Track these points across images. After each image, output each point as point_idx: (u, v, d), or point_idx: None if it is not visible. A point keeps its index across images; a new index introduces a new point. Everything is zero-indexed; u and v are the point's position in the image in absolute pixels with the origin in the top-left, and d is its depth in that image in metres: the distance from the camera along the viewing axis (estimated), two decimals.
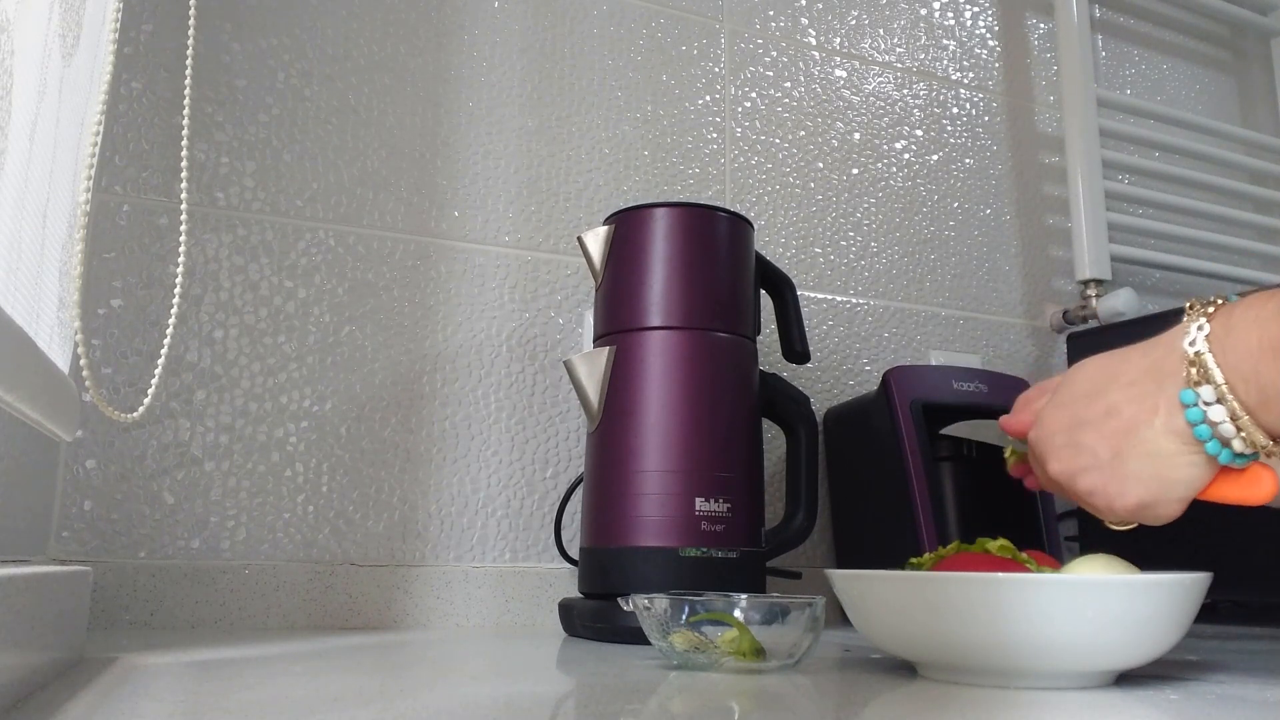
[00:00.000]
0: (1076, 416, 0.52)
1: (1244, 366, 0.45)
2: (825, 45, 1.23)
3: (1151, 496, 0.49)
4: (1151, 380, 0.49)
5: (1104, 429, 0.50)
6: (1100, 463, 0.51)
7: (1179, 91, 1.51)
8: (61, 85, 0.58)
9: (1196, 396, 0.46)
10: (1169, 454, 0.48)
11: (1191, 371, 0.46)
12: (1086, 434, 0.51)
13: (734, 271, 0.84)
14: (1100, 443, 0.50)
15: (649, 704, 0.46)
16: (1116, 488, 0.50)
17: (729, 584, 0.74)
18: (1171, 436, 0.48)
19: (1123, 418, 0.50)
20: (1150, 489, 0.49)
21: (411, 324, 0.94)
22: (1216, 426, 0.46)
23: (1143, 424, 0.49)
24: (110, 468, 0.81)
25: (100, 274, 0.83)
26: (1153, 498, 0.50)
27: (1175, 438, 0.48)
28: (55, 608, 0.50)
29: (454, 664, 0.61)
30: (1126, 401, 0.50)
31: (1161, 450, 0.48)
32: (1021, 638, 0.48)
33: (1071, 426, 0.52)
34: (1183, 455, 0.48)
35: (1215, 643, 0.78)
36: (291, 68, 0.94)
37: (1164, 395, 0.48)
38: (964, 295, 1.24)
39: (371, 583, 0.87)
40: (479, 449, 0.94)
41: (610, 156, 1.06)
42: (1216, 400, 0.45)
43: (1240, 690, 0.50)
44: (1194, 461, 0.48)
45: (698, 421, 0.78)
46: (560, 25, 1.07)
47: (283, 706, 0.42)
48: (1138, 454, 0.49)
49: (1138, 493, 0.50)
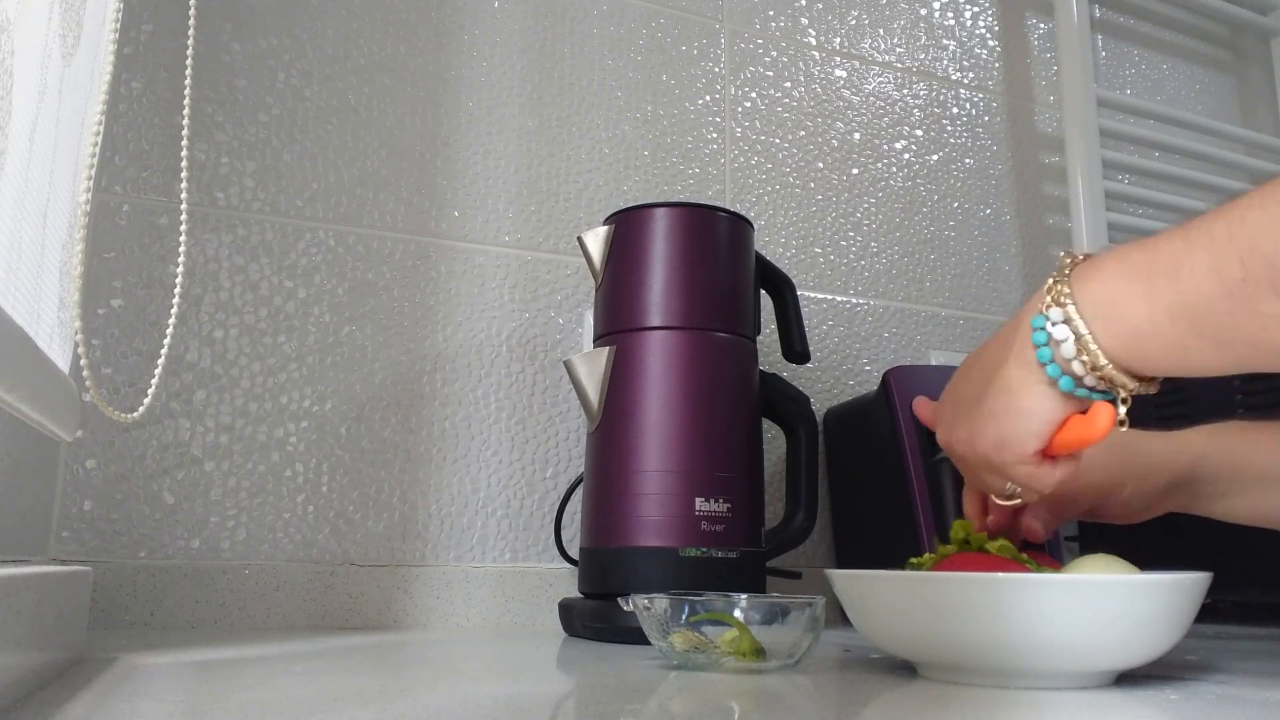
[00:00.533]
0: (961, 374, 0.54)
1: (1100, 292, 0.44)
2: (825, 45, 1.23)
3: (1005, 432, 0.49)
4: (1014, 321, 0.49)
5: (973, 376, 0.52)
6: (969, 408, 0.51)
7: (1179, 91, 1.51)
8: (61, 85, 0.58)
9: (1045, 320, 0.46)
10: (1018, 383, 0.48)
11: (1046, 299, 0.46)
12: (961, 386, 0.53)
13: (734, 271, 0.84)
14: (969, 388, 0.52)
15: (649, 704, 0.46)
16: (978, 426, 0.51)
17: (729, 584, 0.74)
18: (1021, 366, 0.48)
19: (989, 362, 0.51)
20: (1003, 424, 0.49)
21: (411, 324, 0.94)
22: (1059, 346, 0.45)
23: (999, 363, 0.49)
24: (110, 468, 0.81)
25: (100, 274, 0.83)
26: (1006, 433, 0.49)
27: (1024, 367, 0.48)
28: (55, 608, 0.50)
29: (454, 664, 0.61)
30: (994, 348, 0.51)
31: (1012, 380, 0.48)
32: (1021, 638, 0.48)
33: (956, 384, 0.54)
34: (1030, 384, 0.48)
35: (1215, 643, 0.78)
36: (291, 68, 0.94)
37: (1020, 330, 0.48)
38: (964, 295, 1.24)
39: (371, 583, 0.87)
40: (479, 449, 0.94)
41: (610, 156, 1.06)
42: (1063, 320, 0.45)
43: (1240, 690, 0.50)
44: (1042, 391, 0.47)
45: (698, 421, 0.78)
46: (560, 25, 1.07)
47: (283, 706, 0.42)
48: (994, 390, 0.49)
49: (993, 429, 0.50)
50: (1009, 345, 0.49)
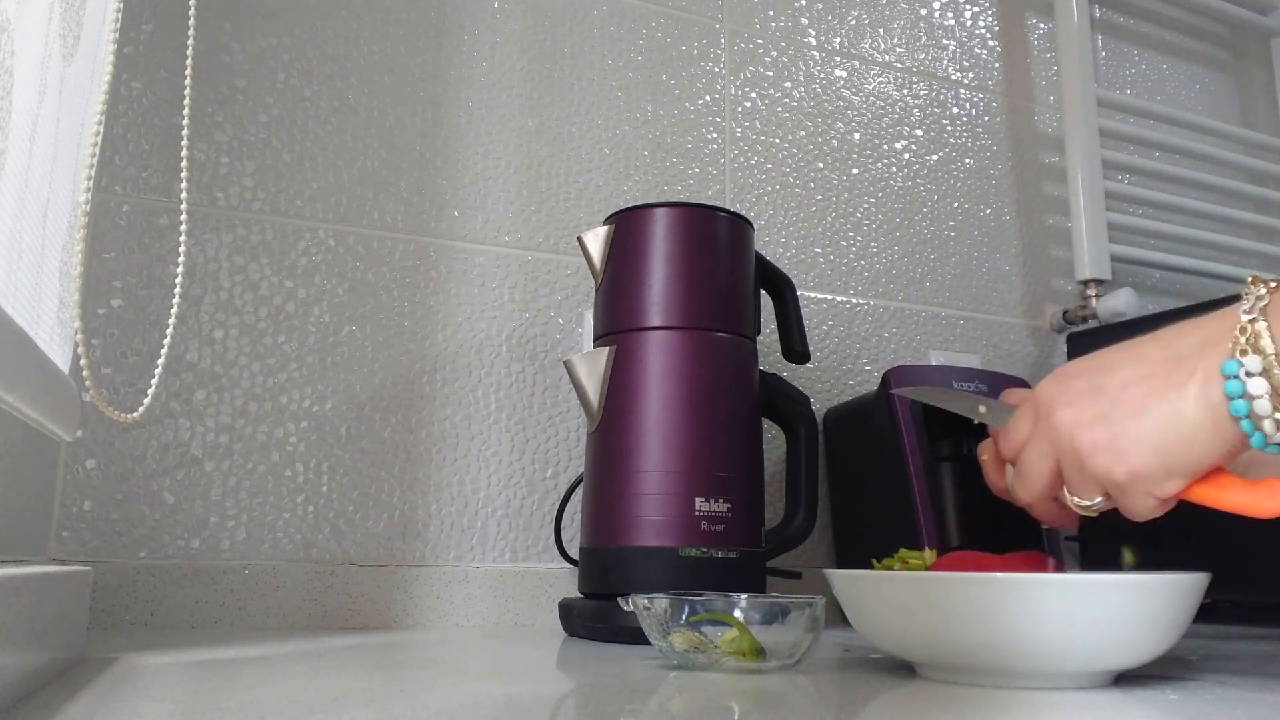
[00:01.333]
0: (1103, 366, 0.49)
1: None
2: (825, 45, 1.23)
3: (1153, 467, 0.46)
4: (1196, 345, 0.45)
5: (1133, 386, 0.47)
6: (1117, 415, 0.47)
7: (1179, 91, 1.51)
8: (61, 85, 0.58)
9: (1240, 366, 0.42)
10: (1192, 425, 0.44)
11: (1240, 339, 0.42)
12: (1111, 382, 0.48)
13: (734, 271, 0.84)
14: (1124, 395, 0.47)
15: (649, 704, 0.46)
16: (1122, 445, 0.47)
17: (729, 584, 0.74)
18: (1201, 407, 0.44)
19: (1156, 377, 0.46)
20: (1156, 458, 0.46)
21: (411, 324, 0.94)
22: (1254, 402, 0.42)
23: (1175, 386, 0.45)
24: (110, 468, 0.81)
25: (100, 274, 0.83)
26: (1154, 469, 0.46)
27: (1206, 409, 0.44)
28: (55, 608, 0.50)
29: (454, 664, 0.61)
30: (1164, 361, 0.46)
31: (1185, 418, 0.45)
32: (1021, 638, 0.48)
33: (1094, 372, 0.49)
34: (1205, 430, 0.44)
35: (1215, 643, 0.78)
36: (291, 68, 0.94)
37: (1205, 362, 0.44)
38: (964, 295, 1.24)
39: (371, 583, 0.87)
40: (479, 449, 0.94)
41: (610, 156, 1.06)
42: (1261, 372, 0.42)
43: (1240, 690, 0.50)
44: (1212, 442, 0.44)
45: (698, 421, 0.78)
46: (560, 25, 1.07)
47: (283, 706, 0.42)
48: (1158, 416, 0.45)
49: (1142, 458, 0.46)
50: (1187, 372, 0.45)
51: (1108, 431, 0.47)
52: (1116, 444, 0.47)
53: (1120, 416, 0.47)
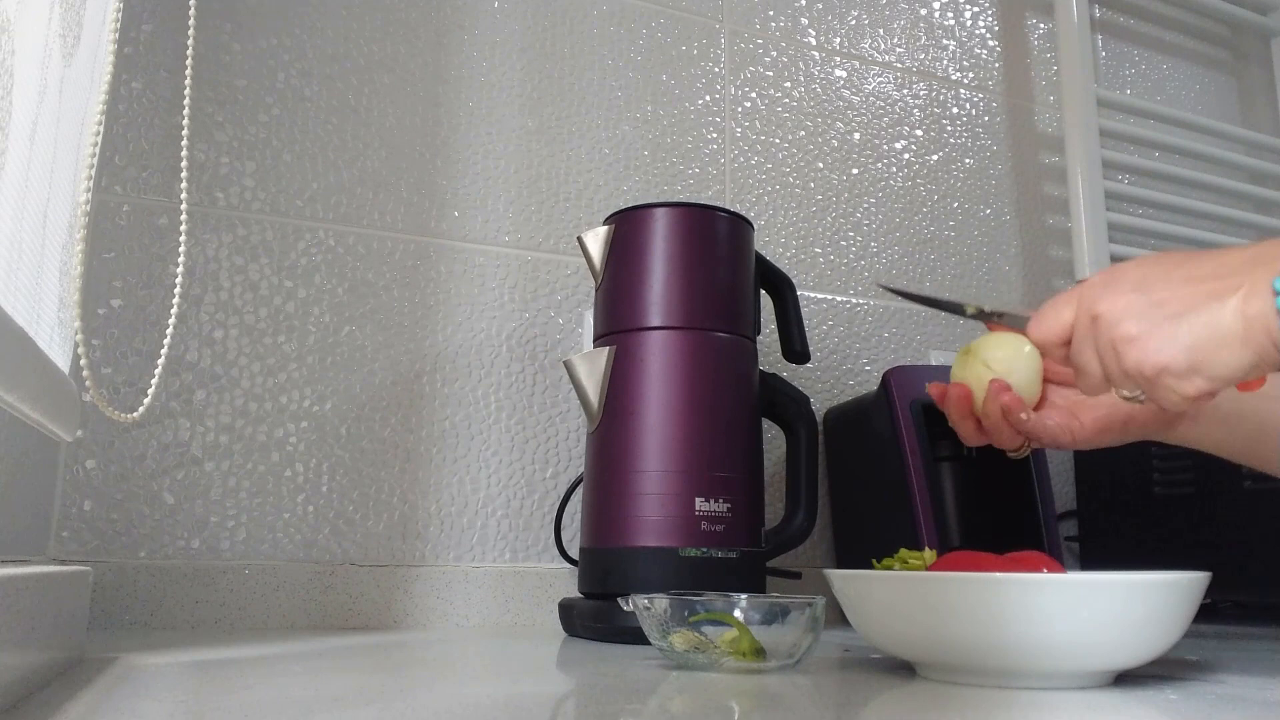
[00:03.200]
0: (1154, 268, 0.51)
1: None
2: (825, 45, 1.23)
3: (1181, 365, 0.48)
4: (1247, 261, 0.47)
5: (1178, 289, 0.49)
6: (1156, 315, 0.49)
7: (1179, 91, 1.51)
8: (61, 85, 0.58)
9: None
10: (1225, 332, 0.47)
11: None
12: (1159, 284, 0.50)
13: (734, 271, 0.84)
14: (1170, 297, 0.49)
15: (649, 704, 0.46)
16: (1155, 343, 0.49)
17: (729, 584, 0.74)
18: (1238, 316, 0.46)
19: (1203, 285, 0.48)
20: (1185, 357, 0.48)
21: (411, 324, 0.94)
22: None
23: (1218, 294, 0.47)
24: (110, 468, 0.81)
25: (100, 274, 0.83)
26: (1181, 367, 0.48)
27: (1242, 319, 0.46)
28: (55, 608, 0.50)
29: (454, 664, 0.61)
30: (1214, 271, 0.48)
31: (1220, 325, 0.47)
32: (1021, 638, 0.48)
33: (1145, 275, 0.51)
34: (1236, 340, 0.46)
35: (1215, 643, 0.78)
36: (291, 68, 0.94)
37: (1253, 277, 0.46)
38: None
39: (371, 583, 0.87)
40: (479, 449, 0.94)
41: (610, 156, 1.06)
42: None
43: (1240, 690, 0.50)
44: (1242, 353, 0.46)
45: (698, 421, 0.78)
46: (560, 25, 1.07)
47: (283, 706, 0.42)
48: (1200, 321, 0.47)
49: (1171, 355, 0.48)
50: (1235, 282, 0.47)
51: (1144, 327, 0.49)
52: (1150, 341, 0.49)
53: (1159, 316, 0.49)
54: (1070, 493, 1.13)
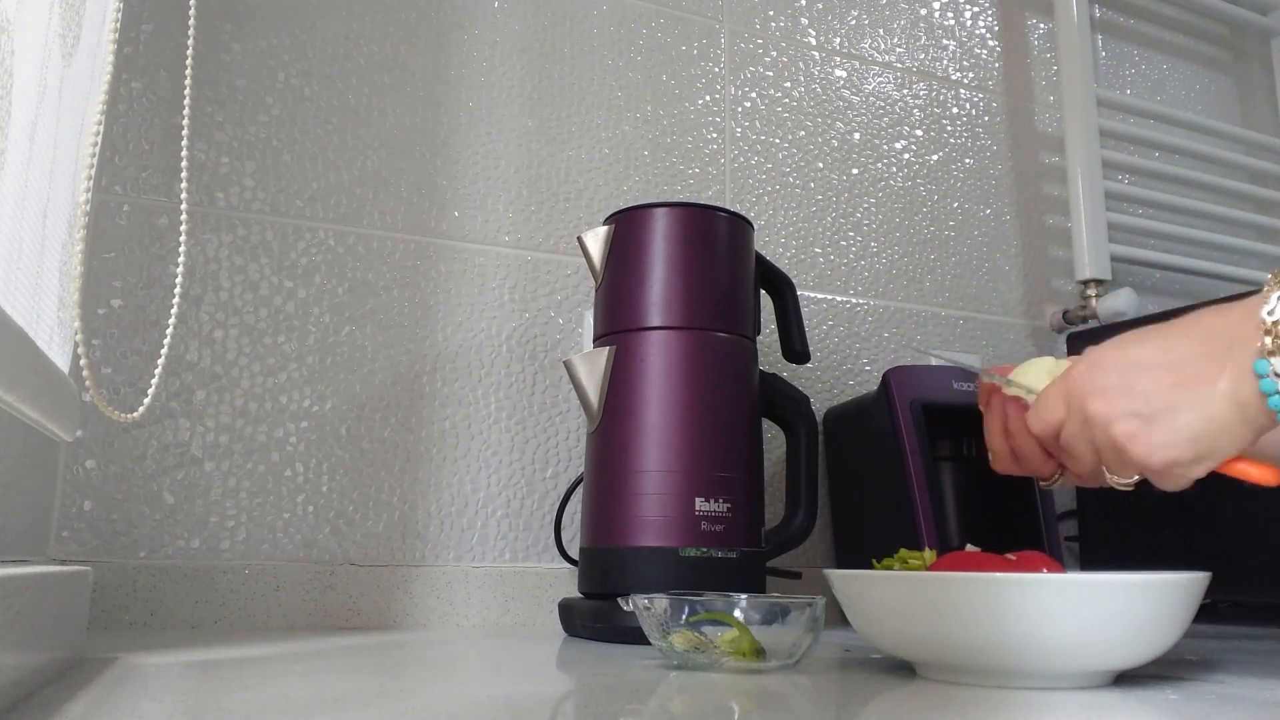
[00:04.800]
0: (1134, 360, 0.51)
1: None
2: (825, 45, 1.23)
3: (1188, 457, 0.49)
4: (1222, 342, 0.48)
5: (1163, 379, 0.49)
6: (1150, 411, 0.50)
7: (1179, 91, 1.51)
8: (61, 85, 0.58)
9: (1270, 367, 0.45)
10: (1223, 420, 0.47)
11: (1267, 341, 0.45)
12: (1142, 379, 0.50)
13: (734, 271, 0.84)
14: (1156, 392, 0.49)
15: (649, 704, 0.46)
16: (1158, 439, 0.49)
17: (729, 584, 0.74)
18: (1232, 403, 0.47)
19: (1185, 373, 0.49)
20: (1190, 450, 0.49)
21: (411, 324, 0.94)
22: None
23: (1204, 383, 0.48)
24: (110, 468, 0.81)
25: (100, 274, 0.83)
26: (1188, 459, 0.49)
27: (1236, 405, 0.47)
28: (55, 608, 0.50)
29: (454, 664, 0.61)
30: (1193, 358, 0.49)
31: (1217, 415, 0.47)
32: (1021, 638, 0.48)
33: (1128, 368, 0.51)
34: (1236, 424, 0.47)
35: (1215, 643, 0.78)
36: (291, 68, 0.94)
37: (1233, 360, 0.47)
38: (964, 295, 1.24)
39: (371, 583, 0.87)
40: (479, 449, 0.94)
41: (610, 156, 1.06)
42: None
43: (1240, 690, 0.50)
44: (1243, 433, 0.47)
45: (698, 421, 0.78)
46: (560, 25, 1.07)
47: (283, 706, 0.42)
48: (1193, 412, 0.48)
49: (1177, 450, 0.49)
50: (1218, 367, 0.47)
51: (1143, 426, 0.50)
52: (1152, 438, 0.50)
53: (1154, 413, 0.50)
54: (1070, 493, 1.13)
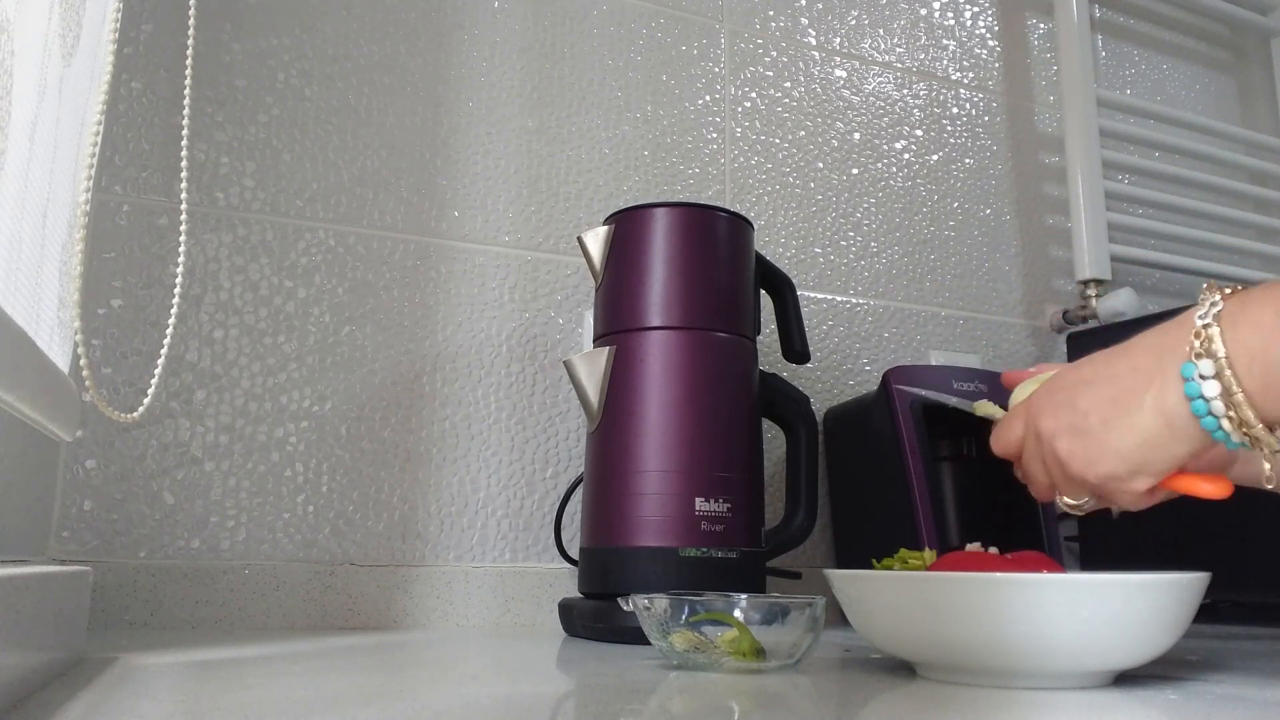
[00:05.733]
0: (1081, 378, 0.52)
1: (1253, 343, 0.43)
2: (825, 45, 1.23)
3: (1122, 470, 0.49)
4: (1155, 354, 0.48)
5: (1100, 394, 0.50)
6: (1086, 427, 0.50)
7: (1179, 91, 1.51)
8: (61, 85, 0.58)
9: (1195, 370, 0.45)
10: (1149, 431, 0.47)
11: (1195, 344, 0.45)
12: (1083, 396, 0.51)
13: (734, 271, 0.84)
14: (1093, 408, 0.50)
15: (649, 704, 0.46)
16: (1093, 453, 0.50)
17: (729, 584, 0.74)
18: (1158, 415, 0.47)
19: (1119, 386, 0.49)
20: (1124, 464, 0.49)
21: (411, 324, 0.94)
22: (1210, 403, 0.44)
23: (1134, 395, 0.48)
24: (110, 468, 0.81)
25: (100, 274, 0.83)
26: (1122, 472, 0.49)
27: (1161, 417, 0.47)
28: (55, 608, 0.50)
29: (454, 664, 0.61)
30: (1128, 371, 0.49)
31: (1144, 426, 0.48)
32: (1021, 638, 0.48)
33: (1074, 385, 0.52)
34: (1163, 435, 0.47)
35: (1215, 643, 0.78)
36: (291, 68, 0.94)
37: (1162, 369, 0.47)
38: (964, 295, 1.24)
39: (371, 583, 0.87)
40: (479, 449, 0.94)
41: (610, 156, 1.06)
42: (1214, 375, 0.44)
43: (1240, 690, 0.50)
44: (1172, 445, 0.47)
45: (698, 421, 0.78)
46: (560, 25, 1.07)
47: (283, 706, 0.42)
48: (1122, 426, 0.48)
49: (1111, 464, 0.49)
50: (1147, 378, 0.47)
51: (1080, 441, 0.51)
52: (1088, 452, 0.51)
53: (1089, 428, 0.50)
54: None
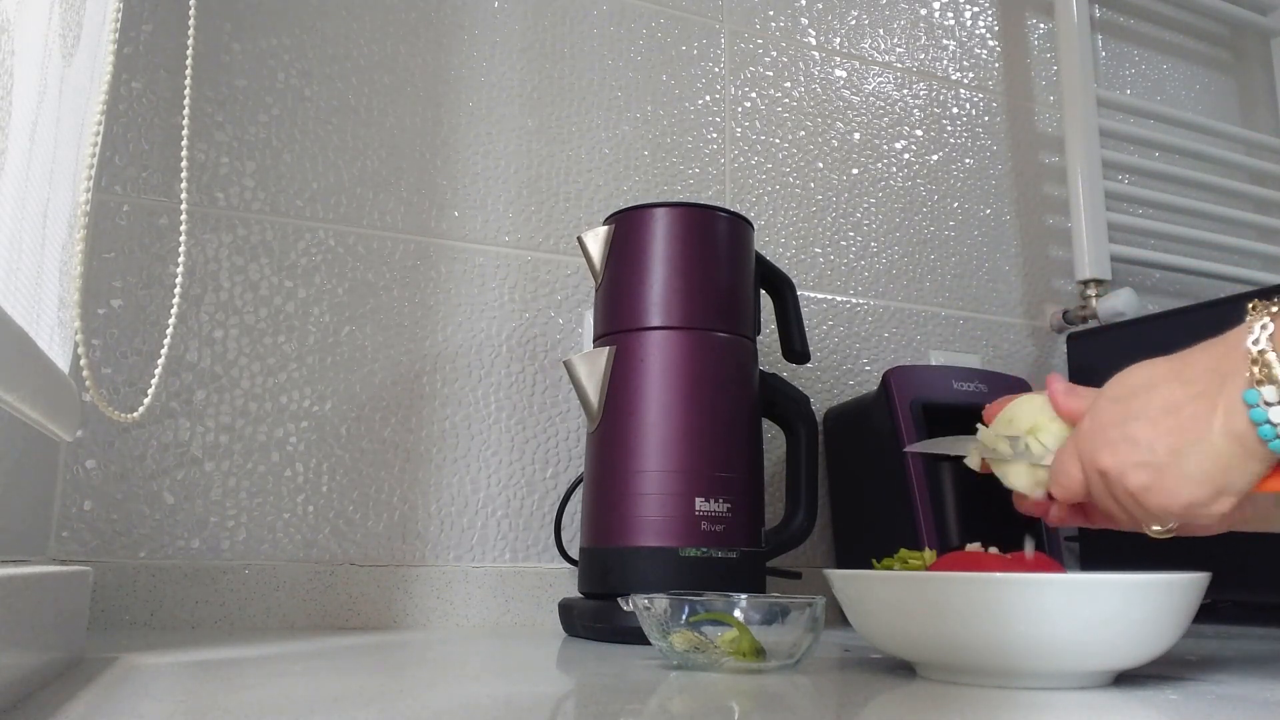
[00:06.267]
0: (1131, 410, 0.51)
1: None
2: (825, 45, 1.23)
3: (1204, 497, 0.48)
4: (1212, 379, 0.48)
5: (1160, 425, 0.49)
6: (1156, 460, 0.49)
7: (1179, 91, 1.51)
8: (61, 85, 0.58)
9: (1259, 396, 0.45)
10: (1225, 456, 0.47)
11: (1255, 370, 0.45)
12: (1142, 429, 0.50)
13: (734, 271, 0.84)
14: (1157, 439, 0.49)
15: (649, 704, 0.46)
16: (1172, 485, 0.49)
17: (729, 584, 0.74)
18: (1230, 439, 0.47)
19: (1181, 415, 0.48)
20: (1205, 489, 0.48)
21: (411, 324, 0.94)
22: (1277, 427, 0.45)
23: (1200, 421, 0.48)
24: (110, 468, 0.81)
25: (100, 274, 0.83)
26: (1205, 498, 0.48)
27: (1235, 440, 0.47)
28: (55, 608, 0.50)
29: (454, 664, 0.61)
30: (1186, 399, 0.48)
31: (1220, 452, 0.47)
32: (1021, 638, 0.48)
33: (1125, 419, 0.51)
34: (1238, 458, 0.47)
35: (1215, 643, 0.78)
36: (291, 68, 0.94)
37: (1224, 395, 0.47)
38: (964, 295, 1.24)
39: (371, 583, 0.87)
40: (479, 449, 0.94)
41: (610, 156, 1.06)
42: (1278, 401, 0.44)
43: (1240, 690, 0.50)
44: (1248, 464, 0.47)
45: (698, 421, 0.78)
46: (560, 25, 1.07)
47: (283, 706, 0.42)
48: (1196, 454, 0.48)
49: (1191, 492, 0.48)
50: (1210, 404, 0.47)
51: (1154, 476, 0.50)
52: (1166, 485, 0.49)
53: (1159, 461, 0.49)
54: None
